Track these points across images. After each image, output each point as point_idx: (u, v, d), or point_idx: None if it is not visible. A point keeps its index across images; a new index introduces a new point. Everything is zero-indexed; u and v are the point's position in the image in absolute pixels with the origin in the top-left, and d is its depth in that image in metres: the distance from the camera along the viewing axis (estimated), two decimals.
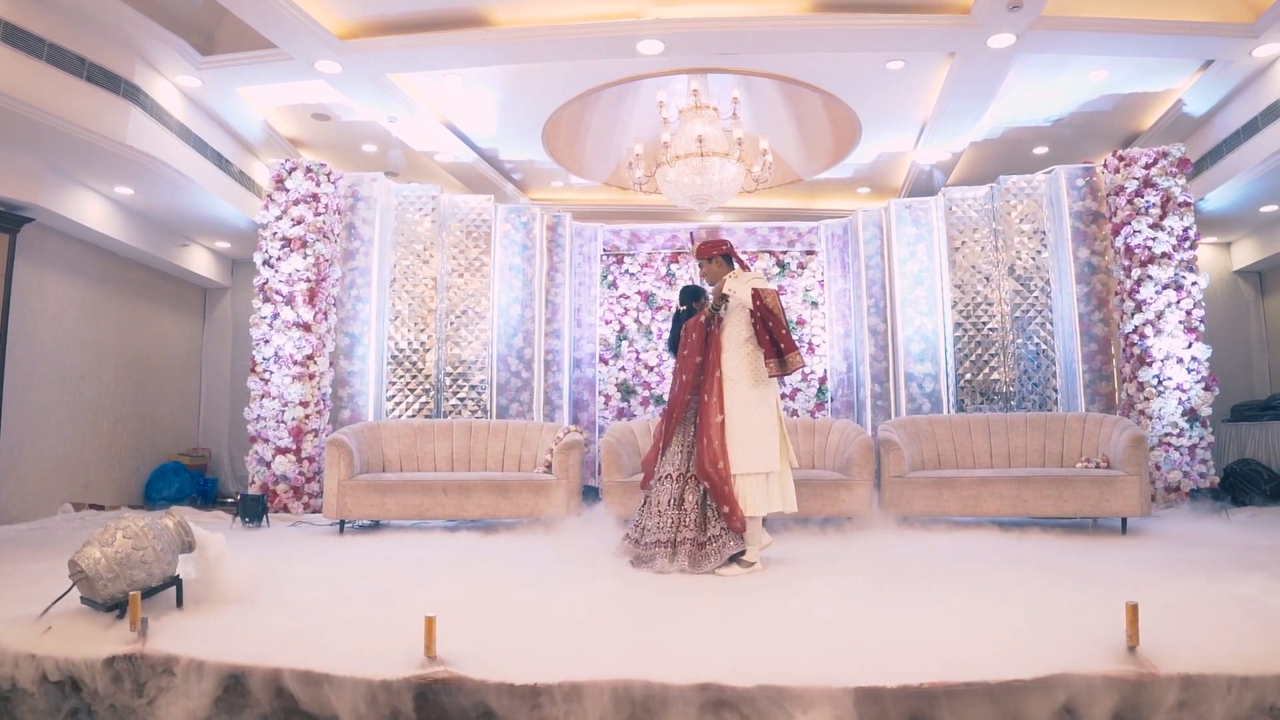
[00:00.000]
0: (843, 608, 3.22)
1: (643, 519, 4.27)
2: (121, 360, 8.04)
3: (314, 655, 2.65)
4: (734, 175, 6.72)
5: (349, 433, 6.08)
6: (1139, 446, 5.44)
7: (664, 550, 4.06)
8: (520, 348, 8.01)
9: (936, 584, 3.63)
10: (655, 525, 4.14)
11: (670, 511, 4.13)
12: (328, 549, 5.02)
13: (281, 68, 6.42)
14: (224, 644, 2.82)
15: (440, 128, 7.66)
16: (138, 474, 8.15)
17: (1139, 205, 6.87)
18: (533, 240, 8.21)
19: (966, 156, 8.43)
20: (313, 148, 8.21)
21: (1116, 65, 6.57)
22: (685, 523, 4.09)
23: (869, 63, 6.53)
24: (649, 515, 4.22)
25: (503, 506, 5.74)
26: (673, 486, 4.18)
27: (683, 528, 4.08)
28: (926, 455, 6.16)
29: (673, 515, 4.12)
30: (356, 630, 2.94)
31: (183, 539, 3.42)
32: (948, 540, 4.98)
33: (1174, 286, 6.77)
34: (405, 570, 4.12)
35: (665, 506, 4.15)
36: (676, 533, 4.08)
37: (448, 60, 6.34)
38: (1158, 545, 4.81)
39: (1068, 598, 3.33)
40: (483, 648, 2.66)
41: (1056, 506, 5.45)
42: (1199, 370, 6.73)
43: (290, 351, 6.91)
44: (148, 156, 6.32)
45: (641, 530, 4.23)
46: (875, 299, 8.30)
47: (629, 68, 6.64)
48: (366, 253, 7.52)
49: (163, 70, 6.46)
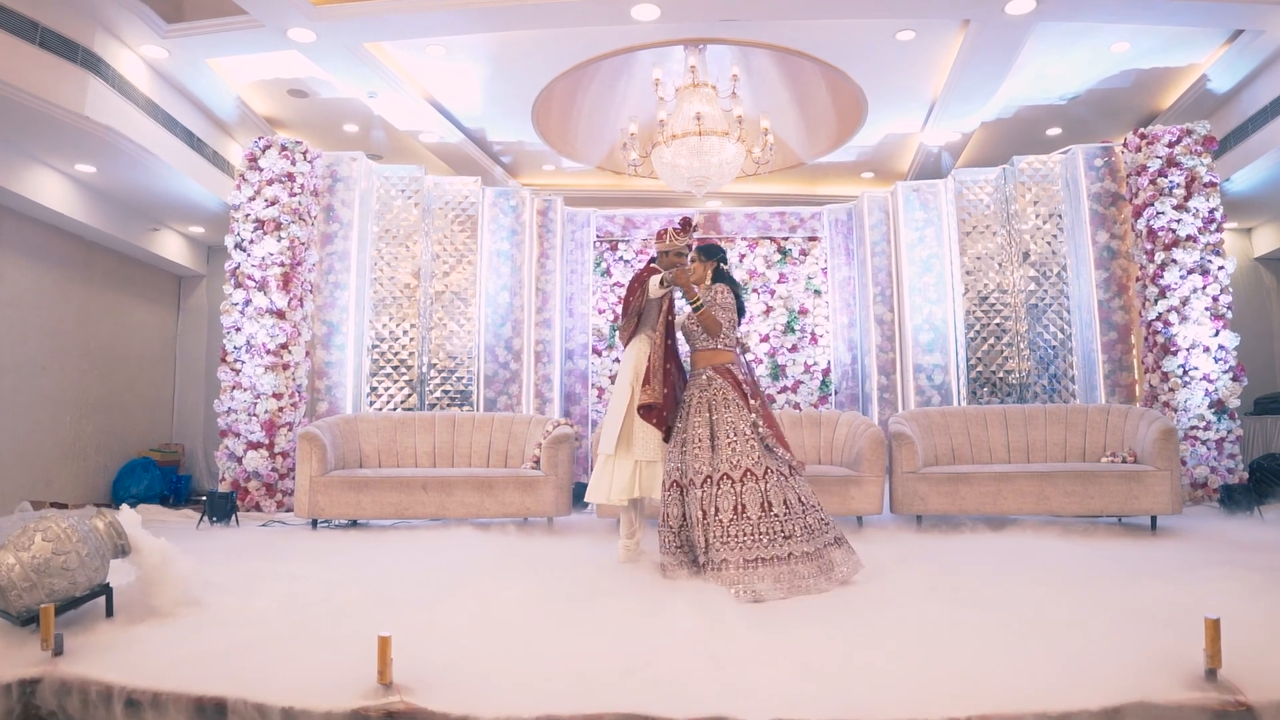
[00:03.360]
0: (872, 625, 2.83)
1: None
2: (86, 350, 7.62)
3: (251, 679, 2.28)
4: (733, 156, 6.34)
5: (323, 426, 5.69)
6: (1169, 440, 5.07)
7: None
8: (509, 338, 7.61)
9: (972, 595, 3.22)
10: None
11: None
12: (295, 551, 4.62)
13: (253, 36, 6.00)
14: (149, 665, 2.44)
15: (424, 105, 7.25)
16: (105, 471, 7.73)
17: (1162, 186, 6.50)
18: (522, 225, 7.81)
19: (976, 138, 8.05)
20: (291, 127, 7.79)
21: (1139, 36, 6.19)
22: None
23: (877, 33, 6.14)
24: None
25: (487, 505, 5.35)
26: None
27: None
28: (940, 450, 5.79)
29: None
30: (305, 648, 2.56)
31: (115, 542, 3.03)
32: (972, 543, 4.60)
33: (1200, 271, 6.40)
34: (373, 576, 3.73)
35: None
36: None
37: (427, 27, 5.93)
38: (1200, 547, 4.43)
39: (1124, 610, 2.93)
40: (449, 671, 2.28)
41: (1082, 504, 5.07)
42: (1227, 359, 6.36)
43: (263, 340, 6.51)
44: (108, 130, 5.90)
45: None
46: (881, 287, 7.91)
47: (622, 37, 6.24)
48: (345, 236, 7.11)
49: (125, 39, 6.04)
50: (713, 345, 3.81)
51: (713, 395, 3.71)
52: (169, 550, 3.03)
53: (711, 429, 3.65)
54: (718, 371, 3.76)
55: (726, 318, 3.80)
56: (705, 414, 3.68)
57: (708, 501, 3.50)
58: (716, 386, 3.72)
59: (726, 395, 3.68)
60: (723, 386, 3.71)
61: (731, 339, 3.86)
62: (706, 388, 3.74)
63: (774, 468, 3.57)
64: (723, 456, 3.55)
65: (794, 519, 3.48)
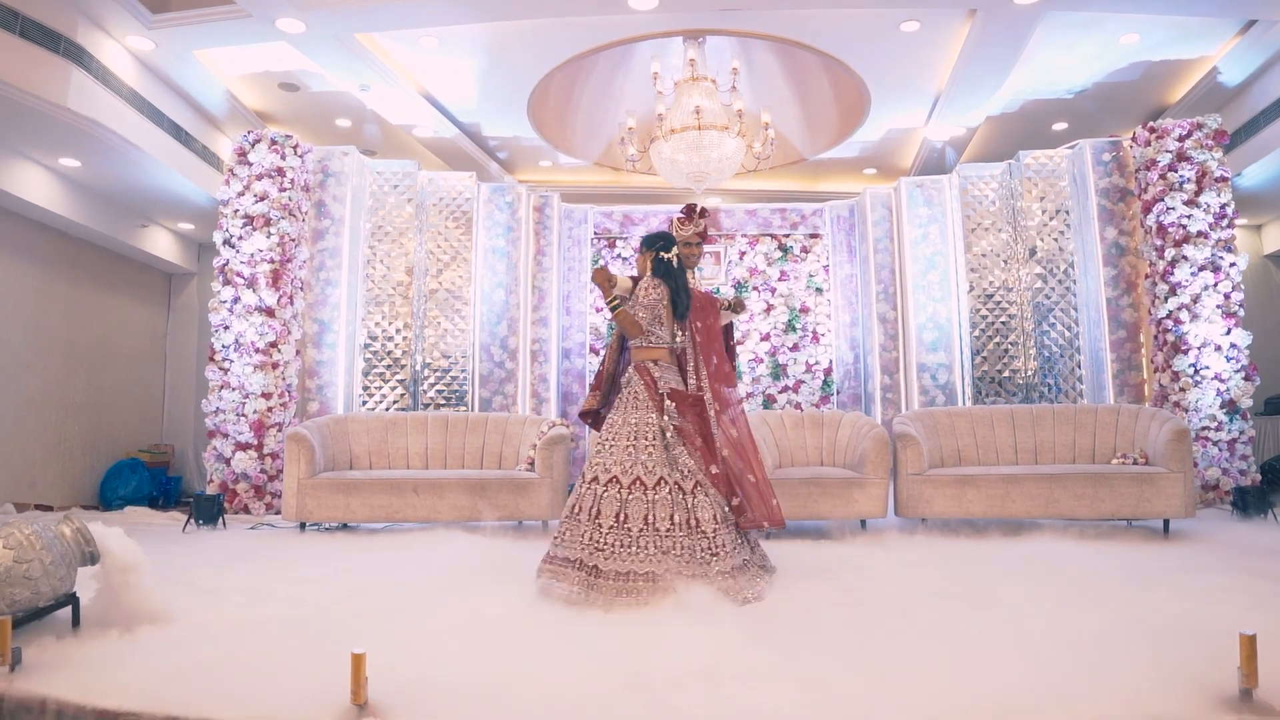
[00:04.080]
0: (886, 641, 2.68)
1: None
2: (72, 349, 7.46)
3: (220, 697, 2.14)
4: (733, 151, 6.19)
5: (311, 427, 5.53)
6: (1182, 441, 4.92)
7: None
8: (504, 336, 7.46)
9: (987, 607, 3.06)
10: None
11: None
12: (280, 556, 4.46)
13: (240, 26, 5.85)
14: (114, 681, 2.29)
15: (417, 98, 7.10)
16: (91, 472, 7.57)
17: (1172, 180, 6.35)
18: (518, 221, 7.66)
19: (981, 133, 7.90)
20: (283, 122, 7.64)
21: (1149, 27, 6.04)
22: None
23: (881, 23, 5.99)
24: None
25: (480, 508, 5.19)
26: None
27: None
28: (946, 451, 5.63)
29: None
30: (279, 663, 2.40)
31: (83, 549, 2.88)
32: (981, 548, 4.44)
33: (1211, 268, 6.24)
34: (357, 584, 3.57)
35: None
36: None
37: (419, 17, 5.78)
38: (1217, 552, 4.27)
39: (1147, 622, 2.77)
40: (429, 690, 2.13)
41: (1092, 507, 4.92)
42: (1239, 358, 6.20)
43: (252, 338, 6.35)
44: (91, 122, 5.75)
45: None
46: (884, 285, 7.76)
47: (620, 28, 6.09)
48: (337, 232, 6.96)
49: (109, 29, 5.89)
50: (640, 343, 3.60)
51: (629, 394, 3.54)
52: (139, 558, 2.87)
53: (619, 428, 3.47)
54: (637, 369, 3.57)
55: (648, 315, 3.55)
56: (620, 412, 3.51)
57: (605, 502, 3.30)
58: (633, 385, 3.54)
59: (637, 394, 3.50)
60: (637, 385, 3.53)
61: (664, 335, 3.62)
62: (626, 386, 3.59)
63: (669, 479, 3.32)
64: (615, 459, 3.36)
65: (676, 538, 3.22)
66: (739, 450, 3.57)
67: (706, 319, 3.74)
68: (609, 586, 3.12)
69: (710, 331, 3.72)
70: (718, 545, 3.27)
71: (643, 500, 3.26)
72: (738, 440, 3.60)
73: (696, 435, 3.46)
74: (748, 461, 3.58)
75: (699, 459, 3.42)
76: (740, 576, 3.26)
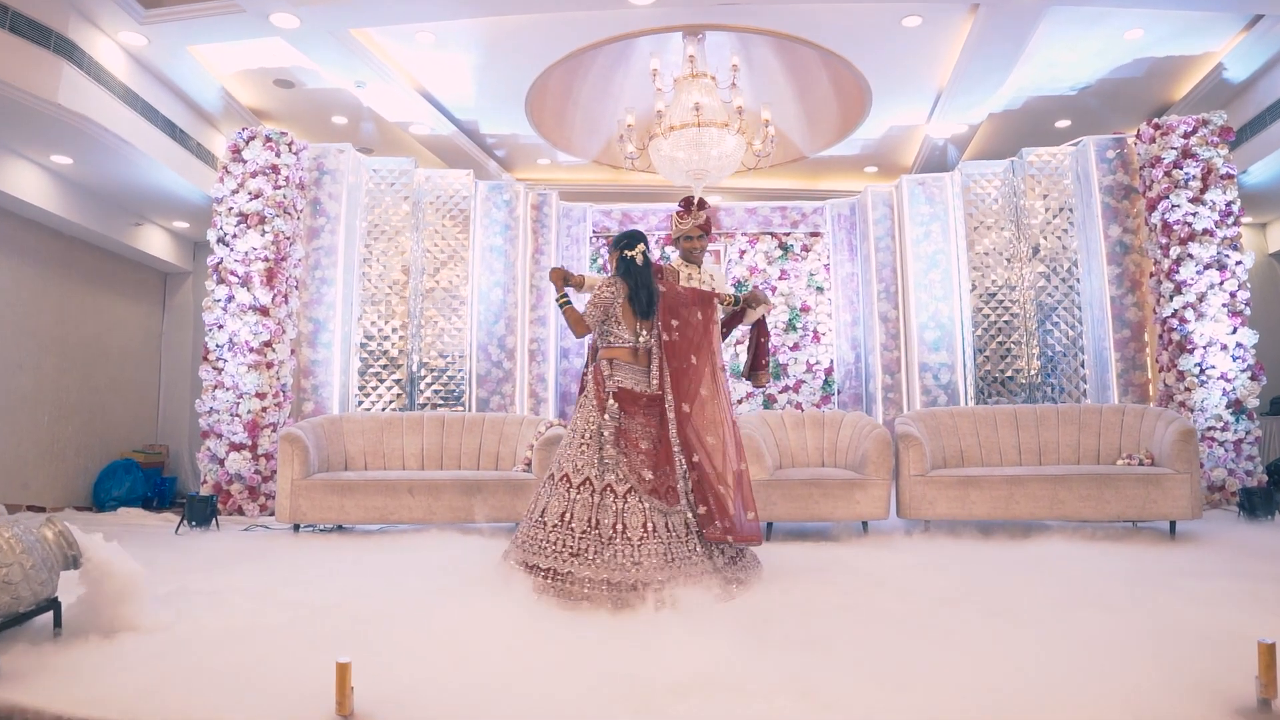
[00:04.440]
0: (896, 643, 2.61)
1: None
2: (66, 348, 7.39)
3: (203, 708, 2.07)
4: (733, 148, 6.11)
5: (306, 427, 5.46)
6: (1188, 441, 4.84)
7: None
8: (502, 335, 7.39)
9: (997, 611, 2.97)
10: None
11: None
12: (272, 558, 4.38)
13: (234, 22, 5.77)
14: (95, 691, 2.24)
15: (414, 95, 7.03)
16: (85, 473, 7.50)
17: (1177, 178, 6.27)
18: (516, 220, 7.58)
19: (983, 130, 7.83)
20: (279, 119, 7.57)
21: (1154, 22, 5.97)
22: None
23: (883, 18, 5.92)
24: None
25: (476, 509, 5.12)
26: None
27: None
28: (949, 452, 5.56)
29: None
30: (264, 672, 2.33)
31: (65, 553, 2.80)
32: (987, 551, 4.37)
33: (1217, 266, 6.16)
34: (349, 588, 3.49)
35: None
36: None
37: (415, 11, 5.71)
38: (1225, 555, 4.19)
39: (1160, 628, 2.69)
40: (419, 699, 2.06)
41: (1098, 509, 4.84)
42: (1245, 358, 6.13)
43: (246, 338, 6.28)
44: (82, 119, 5.68)
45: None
46: (886, 283, 7.69)
47: (618, 23, 6.02)
48: (333, 230, 6.88)
49: (102, 25, 5.82)
50: (603, 342, 3.55)
51: (585, 393, 3.52)
52: (124, 562, 2.80)
53: (572, 427, 3.47)
54: (594, 368, 3.53)
55: (599, 314, 3.47)
56: (578, 411, 3.50)
57: (553, 499, 3.31)
58: (588, 384, 3.51)
59: (589, 393, 3.47)
60: (590, 384, 3.50)
61: (624, 334, 3.51)
62: (584, 385, 3.57)
63: (596, 481, 3.26)
64: (568, 457, 3.36)
65: (589, 540, 3.18)
66: (711, 457, 3.44)
67: (687, 316, 3.58)
68: (526, 580, 3.19)
69: (691, 329, 3.56)
70: (642, 555, 3.17)
71: (565, 498, 3.28)
72: (714, 446, 3.46)
73: (643, 438, 3.35)
74: (720, 471, 3.44)
75: (640, 463, 3.30)
76: (684, 586, 3.12)
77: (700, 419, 3.49)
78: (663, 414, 3.43)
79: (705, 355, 3.58)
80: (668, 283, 3.69)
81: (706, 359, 3.59)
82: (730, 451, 3.53)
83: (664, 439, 3.38)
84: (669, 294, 3.61)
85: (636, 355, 3.53)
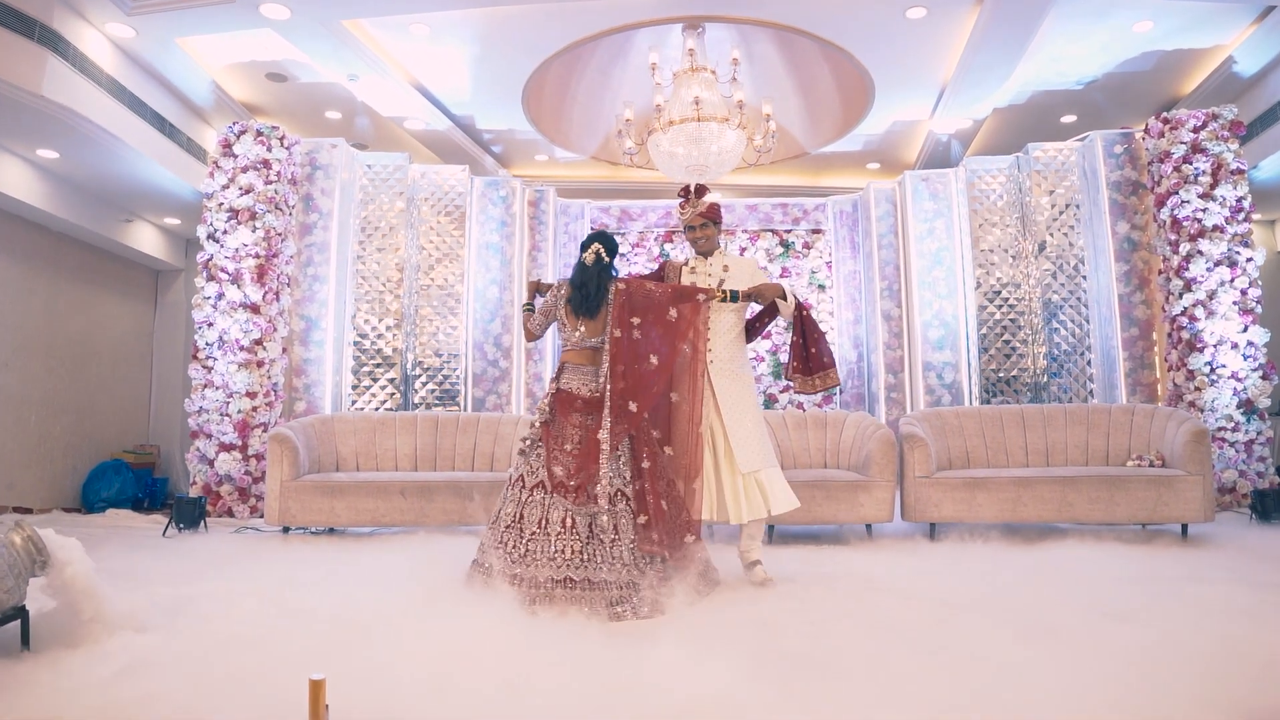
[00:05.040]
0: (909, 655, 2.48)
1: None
2: (53, 346, 7.25)
3: None
4: (733, 144, 5.99)
5: (296, 427, 5.33)
6: (1201, 442, 4.72)
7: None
8: (498, 334, 7.26)
9: (1011, 620, 2.85)
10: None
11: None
12: (258, 563, 4.25)
13: (223, 13, 5.64)
14: (60, 708, 2.09)
15: (409, 89, 6.90)
16: (74, 473, 7.36)
17: (1187, 173, 6.14)
18: (512, 216, 7.46)
19: (988, 125, 7.70)
20: (271, 114, 7.44)
21: (1164, 14, 5.85)
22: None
23: (886, 10, 5.79)
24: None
25: (469, 511, 4.99)
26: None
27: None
28: (954, 453, 5.43)
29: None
30: (241, 686, 2.20)
31: (35, 559, 2.67)
32: (996, 554, 4.25)
33: (1227, 263, 6.04)
34: (335, 596, 3.35)
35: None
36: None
37: (408, 2, 5.58)
38: (1239, 559, 4.06)
39: (1177, 637, 2.56)
40: (397, 716, 1.93)
41: (1107, 511, 4.72)
42: (1256, 356, 6.00)
43: (236, 336, 6.15)
44: (68, 111, 5.55)
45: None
46: (889, 281, 7.56)
47: (617, 14, 5.89)
48: (325, 227, 6.75)
49: (88, 16, 5.68)
50: (561, 345, 3.53)
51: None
52: (90, 569, 2.67)
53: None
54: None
55: (543, 320, 3.56)
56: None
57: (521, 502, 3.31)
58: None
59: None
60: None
61: (570, 336, 3.41)
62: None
63: (528, 479, 3.28)
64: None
65: (510, 535, 3.21)
66: (665, 466, 3.30)
67: (656, 315, 3.38)
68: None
69: (659, 328, 3.36)
70: (556, 549, 3.12)
71: (504, 497, 3.33)
72: (674, 456, 3.33)
73: (568, 440, 3.27)
74: (670, 481, 3.28)
75: (554, 459, 3.23)
76: (591, 592, 3.03)
77: (662, 423, 3.37)
78: (596, 415, 3.29)
79: (674, 355, 3.37)
80: (632, 280, 3.53)
81: (675, 359, 3.38)
82: (691, 461, 3.32)
83: (591, 439, 3.25)
84: (633, 291, 3.43)
85: (590, 357, 3.42)
